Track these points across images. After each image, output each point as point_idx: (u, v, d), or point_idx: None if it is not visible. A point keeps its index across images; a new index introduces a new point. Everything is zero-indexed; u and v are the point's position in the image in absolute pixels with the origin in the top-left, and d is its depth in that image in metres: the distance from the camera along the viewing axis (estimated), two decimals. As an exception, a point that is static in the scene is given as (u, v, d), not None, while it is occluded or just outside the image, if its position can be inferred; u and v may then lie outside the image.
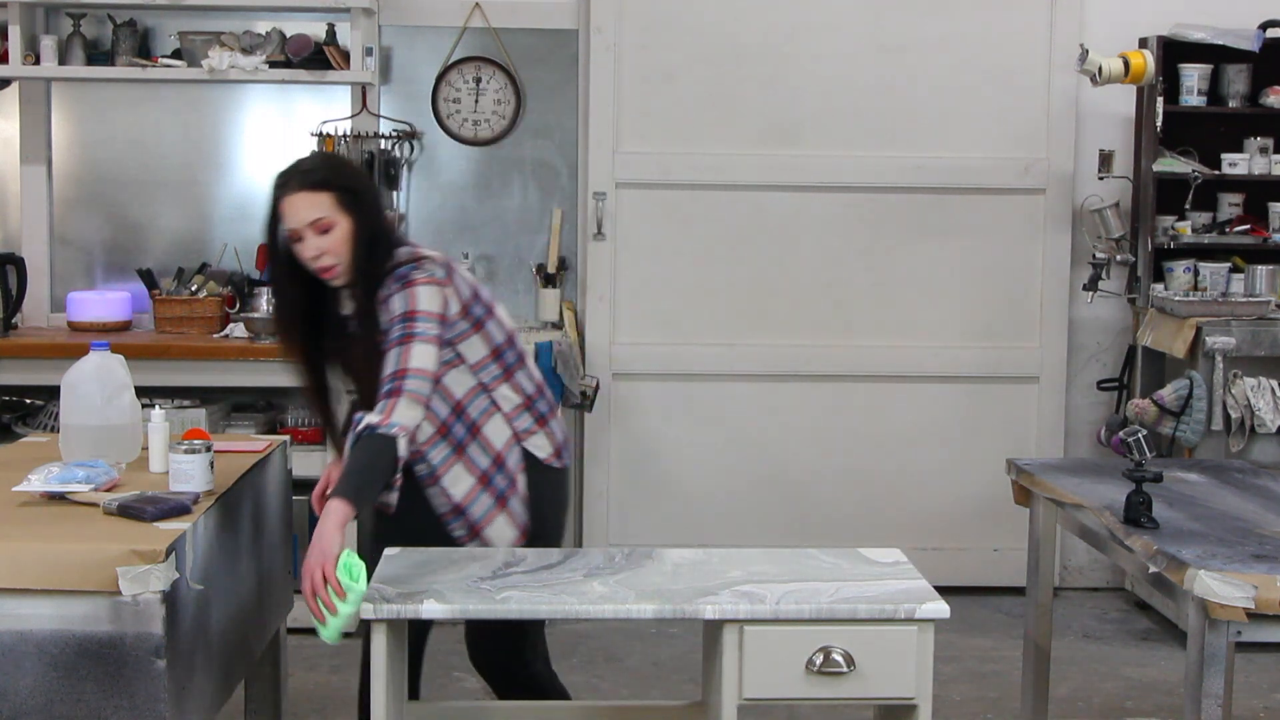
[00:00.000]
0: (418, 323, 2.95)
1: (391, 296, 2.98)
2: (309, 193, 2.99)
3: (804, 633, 2.69)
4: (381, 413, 2.86)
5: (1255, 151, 5.20)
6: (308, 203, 2.99)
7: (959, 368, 5.47)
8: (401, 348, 2.92)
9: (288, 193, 3.00)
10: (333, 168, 3.08)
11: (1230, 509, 3.23)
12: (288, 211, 3.00)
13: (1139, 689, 4.57)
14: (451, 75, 5.35)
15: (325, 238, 2.99)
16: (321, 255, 2.99)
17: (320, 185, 3.00)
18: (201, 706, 2.82)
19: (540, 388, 3.23)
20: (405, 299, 2.97)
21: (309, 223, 2.98)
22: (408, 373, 2.91)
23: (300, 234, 3.00)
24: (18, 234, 5.33)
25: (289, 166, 3.07)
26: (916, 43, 5.39)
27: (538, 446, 3.18)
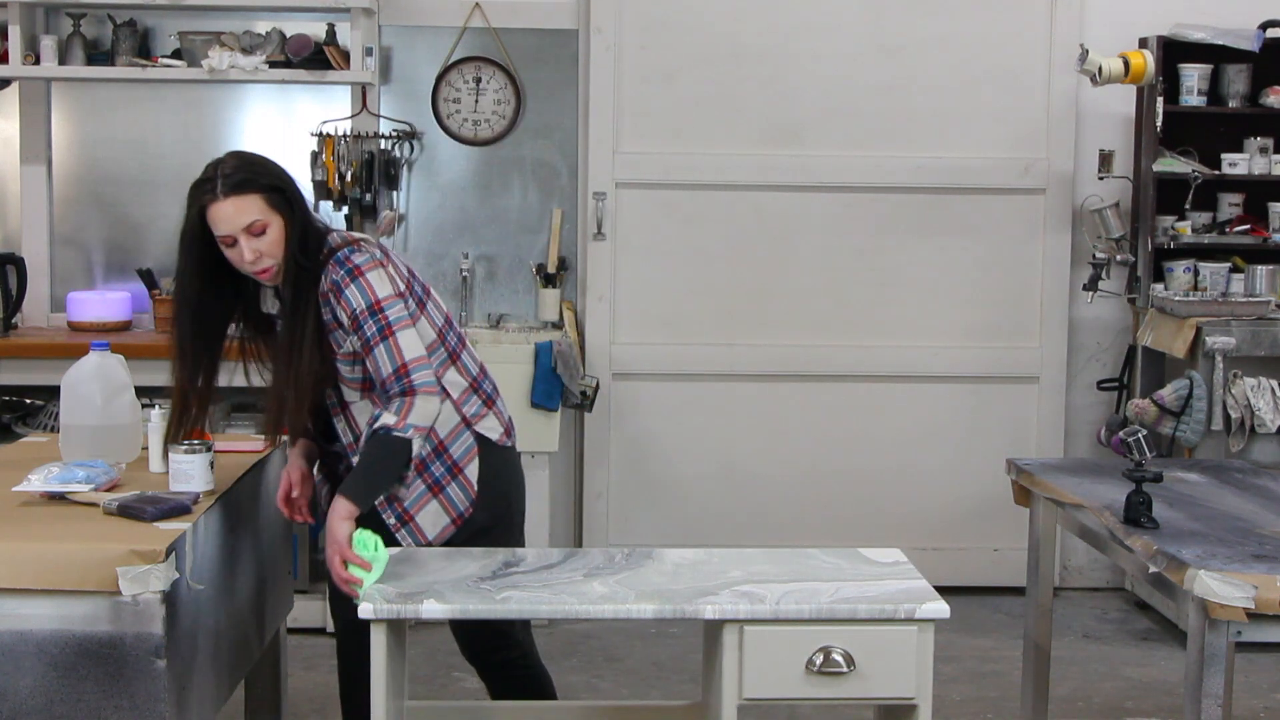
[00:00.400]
0: (387, 311, 2.93)
1: (342, 289, 2.94)
2: (237, 197, 2.92)
3: (804, 633, 2.69)
4: (397, 414, 2.87)
5: (1255, 151, 5.20)
6: (237, 207, 2.92)
7: (959, 368, 5.47)
8: (387, 342, 2.91)
9: (214, 199, 2.93)
10: (254, 168, 3.00)
11: (1230, 509, 3.23)
12: (217, 218, 2.92)
13: (1139, 689, 4.57)
14: (451, 75, 5.35)
15: (260, 240, 2.94)
16: (260, 258, 2.94)
17: (248, 188, 2.94)
18: (201, 706, 2.82)
19: (483, 369, 3.21)
20: (361, 290, 2.94)
21: (243, 227, 2.92)
22: (409, 367, 2.90)
23: (233, 239, 2.93)
24: (18, 234, 5.33)
25: (206, 172, 2.99)
26: (916, 43, 5.39)
27: (489, 428, 3.16)
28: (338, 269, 2.96)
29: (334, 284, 2.95)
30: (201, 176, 2.99)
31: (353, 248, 3.00)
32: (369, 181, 5.23)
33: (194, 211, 2.96)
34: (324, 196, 5.23)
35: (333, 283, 2.96)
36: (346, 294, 2.95)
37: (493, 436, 3.17)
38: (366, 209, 5.27)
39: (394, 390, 2.90)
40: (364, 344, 2.94)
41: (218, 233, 2.94)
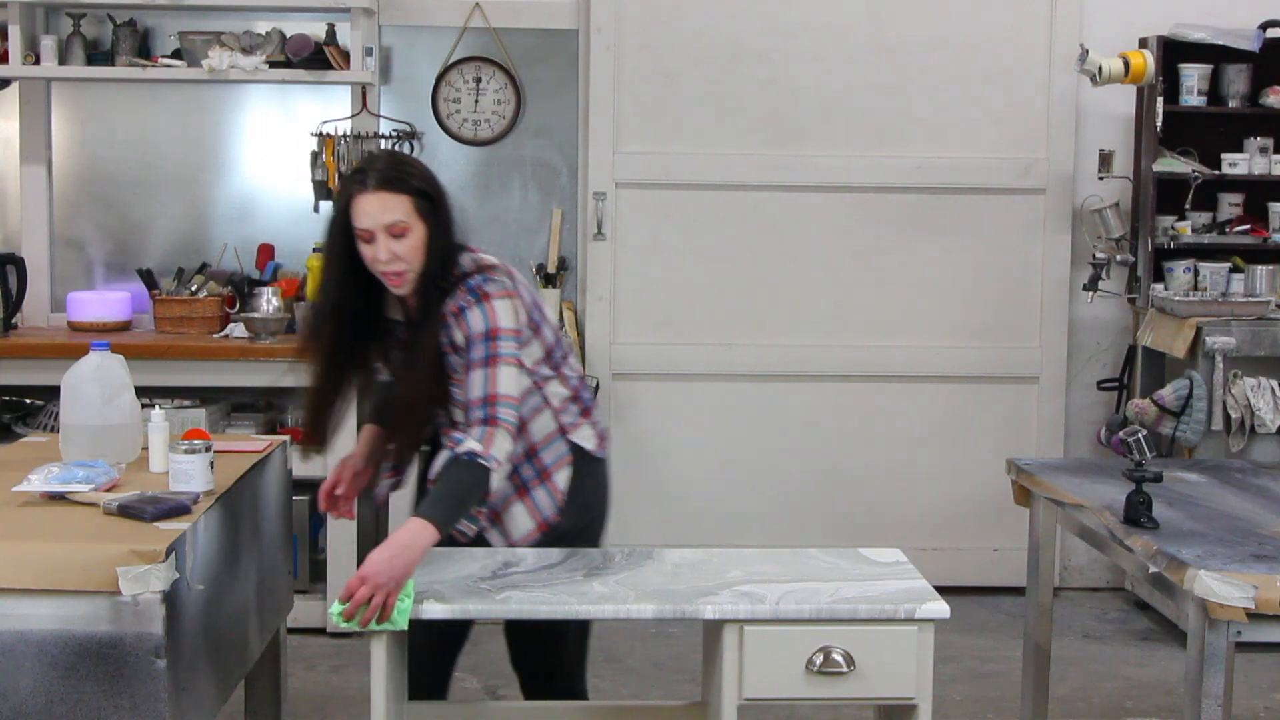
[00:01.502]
0: (500, 343, 2.89)
1: (466, 311, 2.91)
2: (387, 193, 2.87)
3: (804, 633, 2.69)
4: (482, 441, 2.81)
5: (1255, 151, 5.20)
6: (384, 203, 2.87)
7: (959, 368, 5.47)
8: (487, 370, 2.87)
9: (363, 190, 2.87)
10: (412, 171, 2.95)
11: (1230, 509, 3.23)
12: (362, 209, 2.87)
13: (1139, 689, 4.57)
14: (451, 75, 5.35)
15: (399, 242, 2.88)
16: (393, 260, 2.88)
17: (399, 187, 2.89)
18: (201, 706, 2.82)
19: (582, 379, 3.20)
20: (484, 315, 2.90)
21: (385, 225, 2.87)
22: (499, 399, 2.85)
23: (372, 235, 2.88)
24: (18, 234, 5.33)
25: (364, 163, 2.96)
26: (916, 43, 5.39)
27: (584, 438, 3.14)
28: (466, 295, 2.92)
29: (459, 308, 2.91)
30: (354, 168, 2.96)
31: (485, 276, 2.96)
32: (369, 181, 5.23)
33: (342, 200, 2.91)
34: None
35: (458, 306, 2.92)
36: (468, 316, 2.90)
37: (588, 446, 3.14)
38: (366, 209, 5.26)
39: (476, 416, 2.84)
40: (466, 364, 2.90)
41: (359, 225, 2.88)
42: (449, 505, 2.79)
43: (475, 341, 2.89)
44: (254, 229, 5.36)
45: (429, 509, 2.77)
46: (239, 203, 5.37)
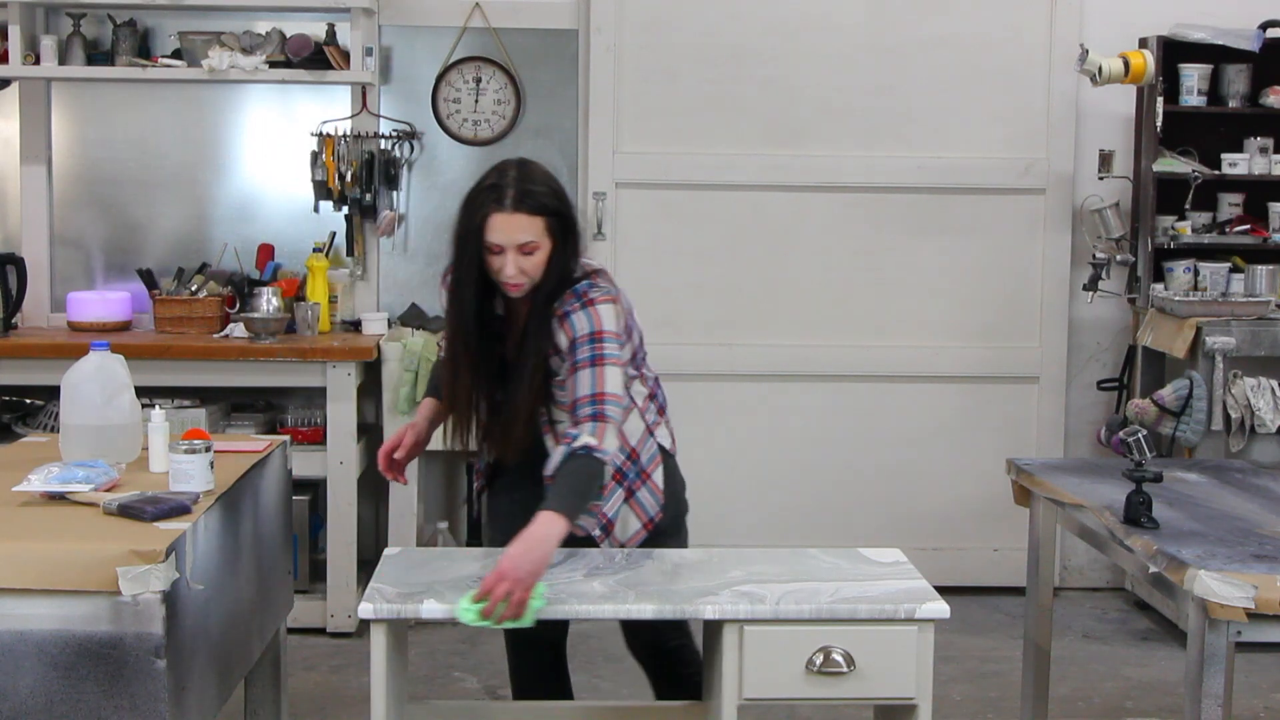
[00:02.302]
0: (606, 344, 2.94)
1: (571, 315, 2.96)
2: (528, 216, 2.93)
3: (804, 633, 2.69)
4: (594, 435, 2.85)
5: (1255, 151, 5.20)
6: (523, 225, 2.92)
7: (959, 368, 5.47)
8: (594, 369, 2.91)
9: (504, 210, 2.92)
10: (546, 187, 3.00)
11: (1230, 509, 3.23)
12: (499, 226, 2.92)
13: (1139, 689, 4.57)
14: (451, 75, 5.35)
15: (528, 259, 2.94)
16: (519, 275, 2.94)
17: (541, 210, 2.95)
18: (201, 706, 2.82)
19: (657, 379, 3.27)
20: (589, 318, 2.95)
21: (518, 244, 2.92)
22: (606, 397, 2.90)
23: (503, 249, 2.93)
24: (18, 234, 5.33)
25: (494, 178, 2.97)
26: (916, 43, 5.39)
27: (663, 436, 3.22)
28: (573, 300, 2.98)
29: (564, 312, 2.97)
30: (489, 181, 2.97)
31: (591, 282, 3.01)
32: (369, 181, 5.23)
33: (478, 217, 2.94)
34: (324, 196, 5.23)
35: (563, 311, 2.97)
36: (573, 319, 2.96)
37: (666, 444, 3.22)
38: (366, 209, 5.27)
39: (585, 413, 2.89)
40: (572, 364, 2.95)
41: (490, 239, 2.93)
42: (573, 498, 2.82)
43: (580, 343, 2.95)
44: (254, 229, 5.36)
45: (556, 503, 2.79)
46: (239, 203, 5.37)
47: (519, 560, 2.67)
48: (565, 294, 2.99)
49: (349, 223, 5.28)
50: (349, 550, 4.91)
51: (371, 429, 5.17)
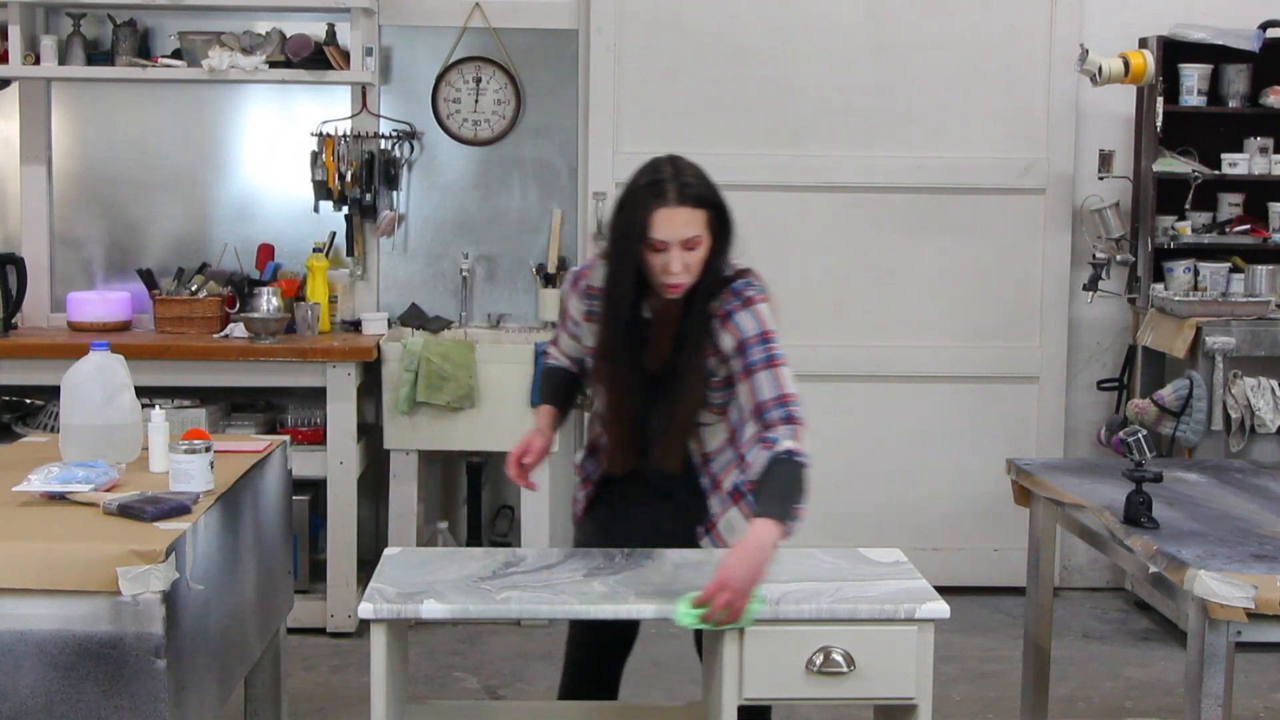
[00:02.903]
0: (775, 343, 2.92)
1: (733, 315, 2.93)
2: (692, 209, 2.87)
3: (804, 633, 2.69)
4: (792, 438, 2.83)
5: (1255, 151, 5.20)
6: (688, 219, 2.87)
7: (959, 368, 5.47)
8: (771, 371, 2.89)
9: (669, 204, 2.86)
10: (707, 182, 2.95)
11: (1230, 509, 3.23)
12: (663, 222, 2.85)
13: (1139, 689, 4.57)
14: (451, 75, 5.35)
15: (691, 254, 2.88)
16: (683, 272, 2.88)
17: (702, 202, 2.89)
18: (201, 706, 2.82)
19: None
20: (754, 318, 2.93)
21: (683, 239, 2.87)
22: (791, 398, 2.89)
23: (666, 246, 2.86)
24: (18, 234, 5.33)
25: (654, 174, 2.91)
26: (916, 43, 5.39)
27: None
28: (732, 298, 2.95)
29: (725, 312, 2.94)
30: (645, 179, 2.91)
31: (747, 280, 3.00)
32: (369, 181, 5.23)
33: (642, 213, 2.87)
34: (324, 196, 5.23)
35: (724, 310, 2.94)
36: (737, 319, 2.93)
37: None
38: (366, 209, 5.27)
39: (776, 416, 2.86)
40: (745, 367, 2.91)
41: (656, 236, 2.86)
42: (784, 502, 2.76)
43: (751, 345, 2.92)
44: (254, 229, 5.36)
45: (768, 508, 2.75)
46: (239, 203, 5.37)
47: (737, 569, 2.65)
48: (723, 292, 2.96)
49: (349, 223, 5.29)
50: (349, 550, 4.91)
51: (371, 429, 5.17)
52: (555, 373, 3.22)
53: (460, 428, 4.90)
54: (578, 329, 3.11)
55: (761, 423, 2.88)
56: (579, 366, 3.18)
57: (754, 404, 2.89)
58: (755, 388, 2.89)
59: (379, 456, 5.09)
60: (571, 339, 3.15)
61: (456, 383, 4.83)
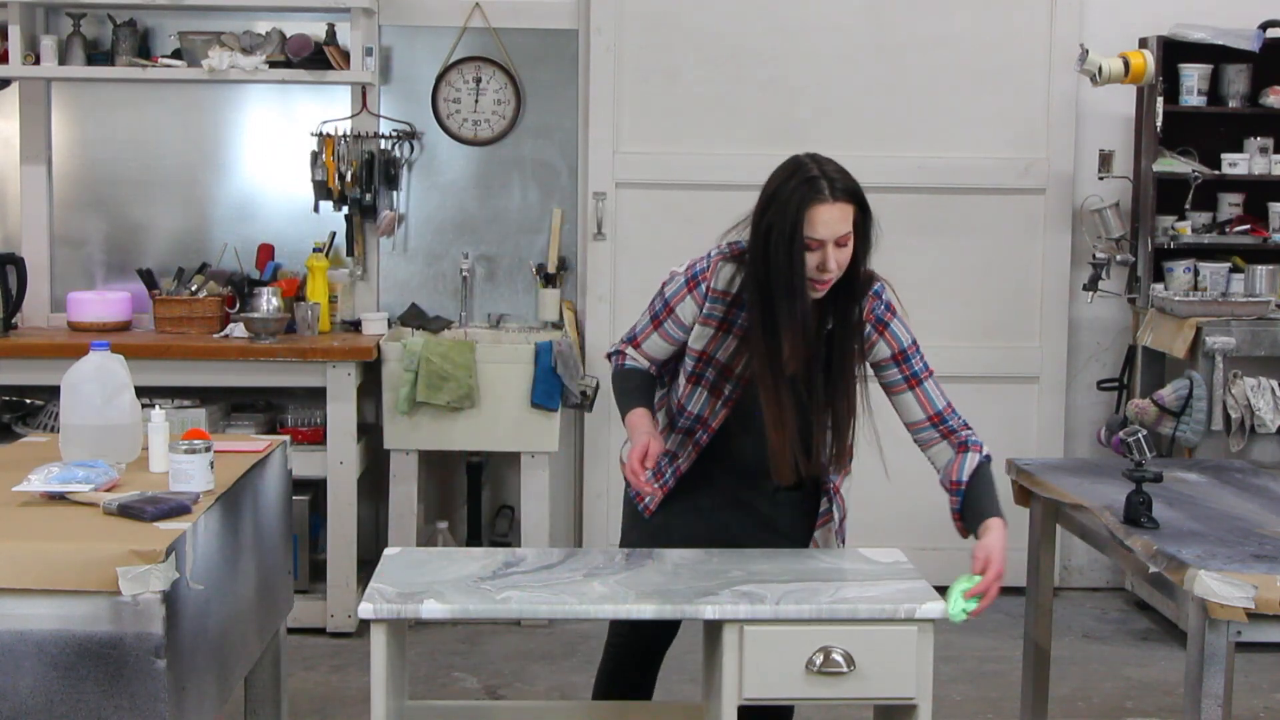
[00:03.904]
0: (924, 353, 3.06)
1: (888, 324, 3.02)
2: (845, 204, 2.88)
3: (804, 633, 2.69)
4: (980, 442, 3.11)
5: (1255, 151, 5.20)
6: (841, 215, 2.87)
7: (959, 368, 5.45)
8: (933, 381, 3.07)
9: (823, 200, 2.86)
10: (853, 179, 2.95)
11: (1230, 509, 3.23)
12: (823, 219, 2.85)
13: (1139, 689, 4.57)
14: (451, 75, 5.35)
15: (841, 251, 2.89)
16: (838, 269, 2.88)
17: (854, 198, 2.91)
18: (201, 706, 2.82)
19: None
20: (905, 328, 3.04)
21: (838, 236, 2.87)
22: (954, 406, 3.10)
23: (821, 243, 2.86)
24: (18, 234, 5.33)
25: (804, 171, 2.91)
26: (916, 43, 5.39)
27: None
28: (881, 306, 3.02)
29: (882, 321, 3.02)
30: (802, 175, 2.91)
31: (882, 284, 3.07)
32: (369, 181, 5.24)
33: (798, 211, 2.86)
34: (324, 196, 5.23)
35: (879, 319, 3.02)
36: (894, 329, 3.02)
37: None
38: (366, 209, 5.27)
39: (958, 422, 3.07)
40: (911, 376, 3.04)
41: (813, 235, 2.85)
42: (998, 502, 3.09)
43: (911, 355, 3.04)
44: (254, 229, 5.36)
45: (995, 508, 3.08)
46: (239, 203, 5.37)
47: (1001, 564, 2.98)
48: (870, 296, 3.01)
49: (349, 223, 5.29)
50: (349, 550, 4.91)
51: (371, 429, 5.17)
52: (636, 374, 3.11)
53: (460, 428, 4.90)
54: (683, 332, 3.02)
55: (945, 428, 3.08)
56: (658, 369, 3.12)
57: (931, 412, 3.07)
58: (927, 396, 3.06)
59: (379, 456, 5.09)
60: (668, 343, 3.06)
61: (456, 383, 4.83)
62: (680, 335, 3.03)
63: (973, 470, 3.03)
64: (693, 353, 3.02)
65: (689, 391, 3.04)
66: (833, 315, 2.96)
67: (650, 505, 3.13)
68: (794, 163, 2.95)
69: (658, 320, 3.05)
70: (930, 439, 3.11)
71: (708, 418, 3.04)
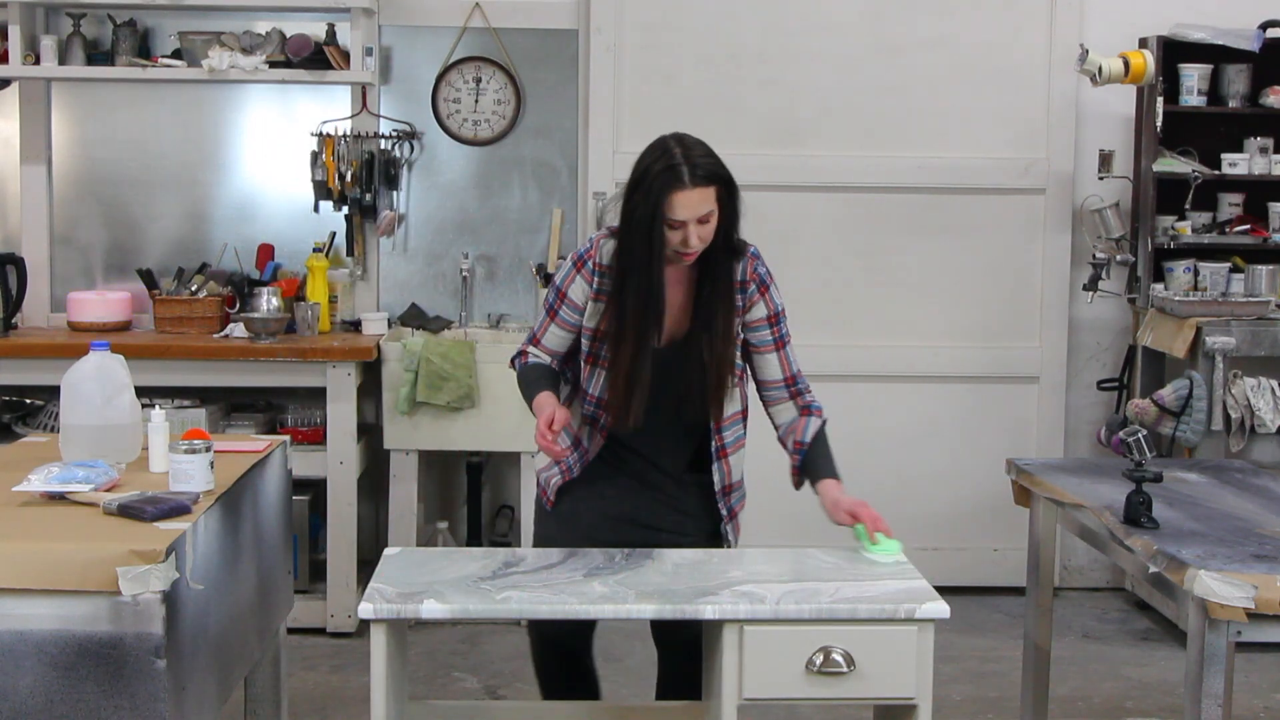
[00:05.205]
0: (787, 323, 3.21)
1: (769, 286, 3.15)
2: (705, 188, 2.98)
3: (804, 633, 2.69)
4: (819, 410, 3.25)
5: (1255, 151, 5.20)
6: (702, 198, 2.98)
7: (959, 368, 5.47)
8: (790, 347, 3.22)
9: (684, 187, 2.97)
10: (716, 159, 3.05)
11: (1230, 509, 3.23)
12: (682, 203, 2.97)
13: (1139, 689, 4.57)
14: (451, 75, 5.35)
15: (704, 227, 3.01)
16: (700, 243, 3.01)
17: (713, 180, 3.00)
18: (201, 706, 2.82)
19: None
20: (777, 296, 3.17)
21: (699, 216, 2.98)
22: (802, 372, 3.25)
23: (683, 224, 2.98)
24: (18, 234, 5.33)
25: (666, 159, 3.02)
26: (916, 43, 5.39)
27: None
28: (760, 262, 3.16)
29: (761, 278, 3.15)
30: (660, 164, 3.02)
31: (756, 249, 3.19)
32: (369, 181, 5.24)
33: (660, 197, 2.98)
34: (324, 196, 5.23)
35: (761, 276, 3.15)
36: (774, 292, 3.17)
37: None
38: (366, 209, 5.27)
39: (805, 385, 3.25)
40: (780, 339, 3.20)
41: (674, 217, 2.98)
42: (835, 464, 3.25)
43: (783, 318, 3.19)
44: (254, 229, 5.36)
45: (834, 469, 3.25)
46: (239, 203, 5.37)
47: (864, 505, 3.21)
48: (749, 257, 3.14)
49: (349, 223, 5.29)
50: (349, 550, 4.91)
51: (371, 429, 5.17)
52: (538, 368, 3.24)
53: (460, 428, 4.90)
54: (575, 315, 3.15)
55: (795, 390, 3.24)
56: (559, 362, 3.23)
57: (788, 374, 3.22)
58: (788, 359, 3.21)
59: (379, 456, 5.09)
60: (565, 330, 3.18)
61: (456, 383, 4.83)
62: (576, 319, 3.16)
63: (815, 433, 3.19)
64: (588, 333, 3.15)
65: (588, 374, 3.17)
66: (710, 278, 3.09)
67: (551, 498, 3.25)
68: (660, 146, 3.09)
69: (553, 311, 3.19)
70: (779, 398, 3.24)
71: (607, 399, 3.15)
